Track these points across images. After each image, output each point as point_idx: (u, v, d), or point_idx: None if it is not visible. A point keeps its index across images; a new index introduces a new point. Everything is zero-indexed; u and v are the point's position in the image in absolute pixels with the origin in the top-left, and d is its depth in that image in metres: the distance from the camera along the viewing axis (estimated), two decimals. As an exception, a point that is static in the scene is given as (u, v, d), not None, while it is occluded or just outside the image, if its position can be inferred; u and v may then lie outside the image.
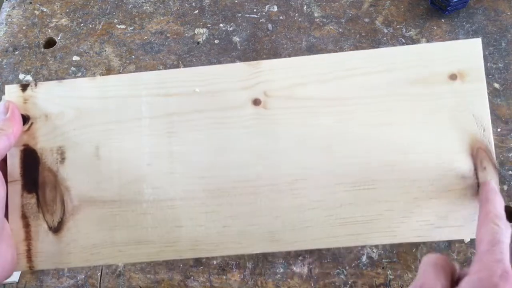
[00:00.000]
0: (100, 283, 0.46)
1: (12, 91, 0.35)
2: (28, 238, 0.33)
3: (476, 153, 0.32)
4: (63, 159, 0.34)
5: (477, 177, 0.31)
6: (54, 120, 0.34)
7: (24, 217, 0.33)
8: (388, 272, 0.45)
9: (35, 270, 0.33)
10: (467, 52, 0.32)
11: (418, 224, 0.32)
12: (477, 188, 0.31)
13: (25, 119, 0.34)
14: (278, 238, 0.32)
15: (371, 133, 0.33)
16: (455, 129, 0.32)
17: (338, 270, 0.45)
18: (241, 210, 0.33)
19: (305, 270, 0.46)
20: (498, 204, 0.28)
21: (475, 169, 0.32)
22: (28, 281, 0.47)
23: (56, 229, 0.33)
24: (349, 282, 0.45)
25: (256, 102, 0.34)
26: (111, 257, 0.33)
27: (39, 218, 0.33)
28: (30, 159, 0.34)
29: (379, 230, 0.32)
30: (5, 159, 0.34)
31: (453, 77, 0.32)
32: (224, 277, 0.46)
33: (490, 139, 0.32)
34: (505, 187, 0.47)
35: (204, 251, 0.33)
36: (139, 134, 0.34)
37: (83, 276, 0.47)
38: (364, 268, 0.45)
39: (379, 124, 0.33)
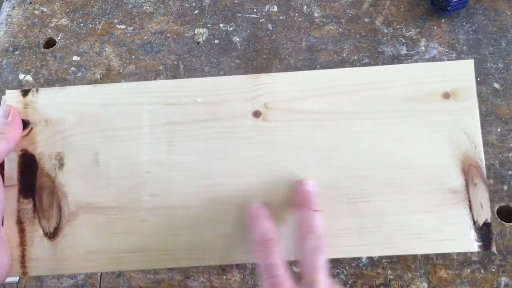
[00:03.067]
0: (100, 283, 0.46)
1: (13, 96, 0.35)
2: (22, 243, 0.33)
3: (468, 169, 0.33)
4: (61, 165, 0.34)
5: (468, 193, 0.33)
6: (54, 126, 0.34)
7: (20, 222, 0.33)
8: (388, 272, 0.45)
9: (29, 276, 0.33)
10: (460, 72, 0.34)
11: (413, 237, 0.32)
12: (468, 203, 0.33)
13: (25, 124, 0.34)
14: None
15: (368, 147, 0.33)
16: (449, 145, 0.33)
17: (338, 270, 0.45)
18: (239, 220, 0.33)
19: (305, 270, 0.46)
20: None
21: (467, 185, 0.33)
22: (28, 281, 0.47)
23: (52, 235, 0.33)
24: (349, 282, 0.45)
25: (256, 114, 0.34)
26: (106, 264, 0.33)
27: (34, 224, 0.33)
28: (28, 164, 0.34)
29: (376, 242, 0.33)
30: (3, 164, 0.34)
31: (446, 95, 0.34)
32: (224, 277, 0.46)
33: (481, 156, 0.33)
34: (505, 187, 0.47)
35: (203, 260, 0.33)
36: (139, 142, 0.34)
37: (83, 276, 0.47)
38: (364, 268, 0.45)
39: (376, 138, 0.34)
